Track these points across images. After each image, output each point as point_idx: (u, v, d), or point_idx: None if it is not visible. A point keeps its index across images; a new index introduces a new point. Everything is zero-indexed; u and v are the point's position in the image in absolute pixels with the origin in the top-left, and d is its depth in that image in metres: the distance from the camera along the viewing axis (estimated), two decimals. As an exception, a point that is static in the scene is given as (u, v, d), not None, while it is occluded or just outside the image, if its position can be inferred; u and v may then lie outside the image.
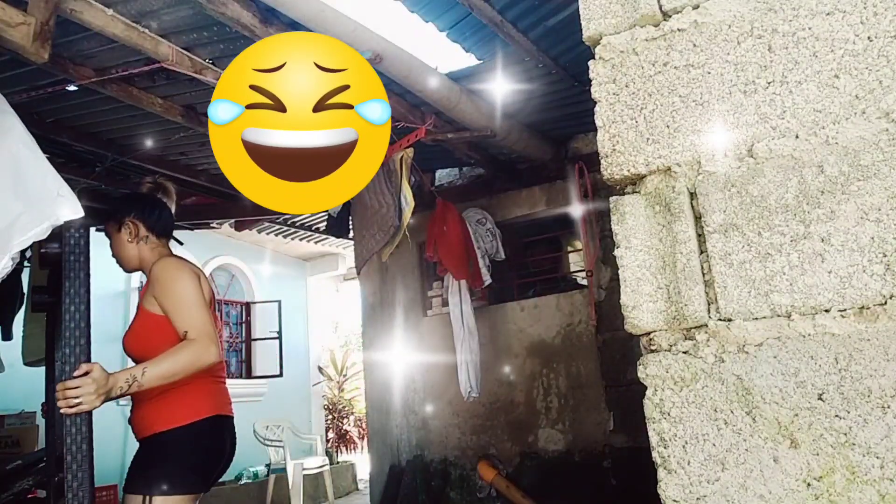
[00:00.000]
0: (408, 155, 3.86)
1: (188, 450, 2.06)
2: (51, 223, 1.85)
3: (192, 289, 2.10)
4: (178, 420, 2.06)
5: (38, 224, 1.82)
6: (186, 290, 2.09)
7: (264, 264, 9.04)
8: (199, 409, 2.10)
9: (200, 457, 2.09)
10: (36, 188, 1.86)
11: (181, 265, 2.16)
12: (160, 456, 2.04)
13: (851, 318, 1.10)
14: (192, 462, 2.06)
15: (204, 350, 1.98)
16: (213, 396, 2.18)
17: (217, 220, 5.87)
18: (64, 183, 1.93)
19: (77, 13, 2.44)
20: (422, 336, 5.43)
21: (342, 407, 10.45)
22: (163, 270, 2.14)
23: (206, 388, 2.15)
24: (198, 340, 1.99)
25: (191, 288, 2.10)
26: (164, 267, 2.15)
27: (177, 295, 2.08)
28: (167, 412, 2.07)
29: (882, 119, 1.13)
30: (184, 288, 2.09)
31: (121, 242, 2.26)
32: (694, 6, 1.30)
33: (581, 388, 4.72)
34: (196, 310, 2.06)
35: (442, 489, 5.11)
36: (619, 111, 1.34)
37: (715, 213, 1.22)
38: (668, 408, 1.20)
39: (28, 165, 1.88)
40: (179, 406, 2.07)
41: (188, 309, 2.06)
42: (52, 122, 3.68)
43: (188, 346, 1.98)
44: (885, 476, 1.04)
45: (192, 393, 2.10)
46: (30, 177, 1.87)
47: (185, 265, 2.18)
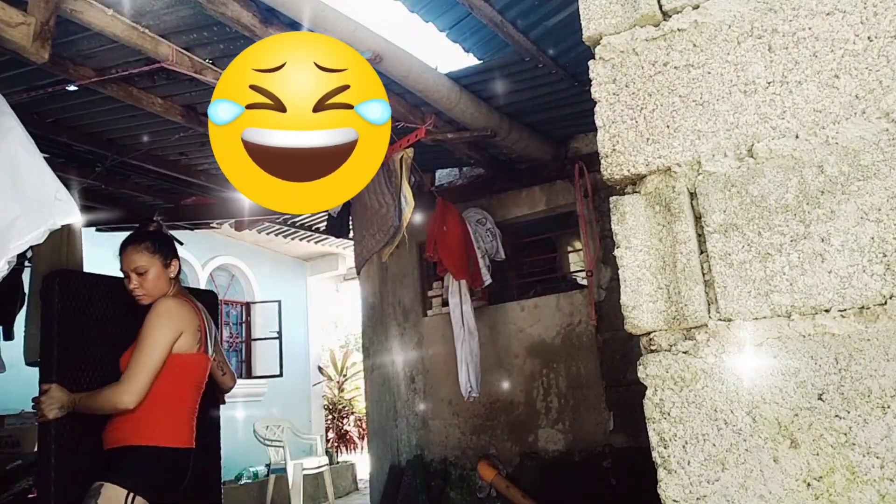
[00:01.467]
0: (408, 155, 3.86)
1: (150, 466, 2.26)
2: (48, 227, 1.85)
3: (164, 342, 2.28)
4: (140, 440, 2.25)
5: (35, 228, 1.82)
6: (160, 339, 2.28)
7: (264, 264, 9.05)
8: (150, 436, 2.29)
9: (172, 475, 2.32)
10: (34, 191, 1.86)
11: (179, 313, 2.35)
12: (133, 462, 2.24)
13: (851, 318, 1.10)
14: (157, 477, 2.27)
15: (121, 395, 2.20)
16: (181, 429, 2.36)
17: (217, 220, 5.87)
18: (62, 186, 1.92)
19: (77, 13, 2.44)
20: (422, 336, 5.43)
21: (342, 407, 10.45)
22: (155, 308, 2.33)
23: (161, 418, 2.32)
24: (122, 385, 2.21)
25: (164, 341, 2.28)
26: (158, 305, 2.34)
27: (150, 338, 2.27)
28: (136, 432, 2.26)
29: (882, 119, 1.13)
30: (159, 336, 2.28)
31: (163, 277, 2.44)
32: (694, 6, 1.30)
33: (581, 388, 4.72)
34: (148, 361, 2.24)
35: (442, 489, 5.11)
36: (619, 111, 1.34)
37: (715, 213, 1.22)
38: (668, 408, 1.20)
39: (26, 168, 1.87)
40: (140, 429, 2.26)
41: (144, 355, 2.24)
42: (52, 122, 3.68)
43: (113, 387, 2.23)
44: (885, 476, 1.04)
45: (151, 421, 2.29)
46: (27, 180, 1.87)
47: (184, 312, 2.36)
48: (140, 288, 2.40)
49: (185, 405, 2.40)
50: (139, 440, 2.25)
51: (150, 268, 2.40)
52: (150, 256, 2.41)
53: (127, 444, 2.24)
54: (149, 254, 2.41)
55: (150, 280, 2.40)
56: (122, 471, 2.19)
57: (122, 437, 2.26)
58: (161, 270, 2.43)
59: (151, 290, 2.41)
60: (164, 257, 2.46)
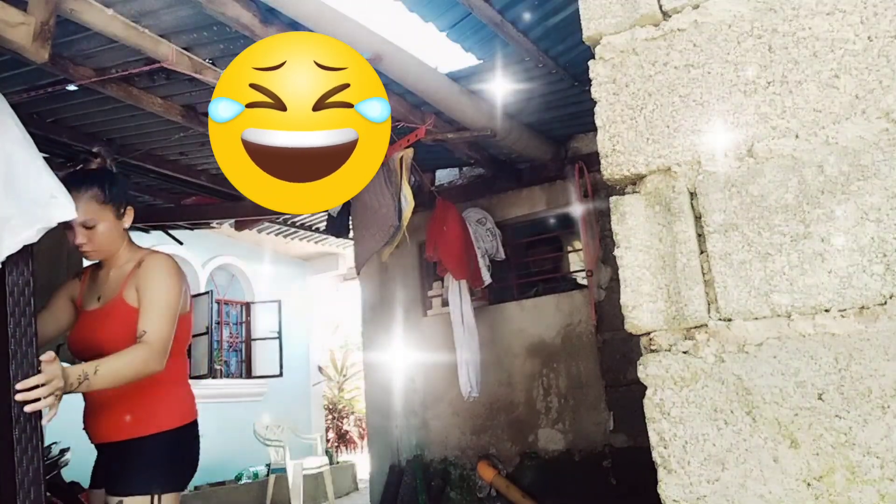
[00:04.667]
0: (408, 155, 3.86)
1: (184, 450, 2.10)
2: (43, 225, 1.83)
3: (175, 297, 2.04)
4: (173, 423, 2.07)
5: (29, 227, 1.81)
6: (171, 294, 2.02)
7: (264, 264, 9.04)
8: (186, 413, 2.13)
9: (192, 455, 2.14)
10: (28, 190, 1.85)
11: (176, 267, 2.12)
12: (158, 455, 2.02)
13: (851, 318, 1.10)
14: (187, 461, 2.11)
15: (154, 358, 1.92)
16: (192, 400, 2.21)
17: (217, 220, 5.87)
18: (59, 184, 1.91)
19: (77, 13, 2.44)
20: (422, 336, 5.43)
21: (342, 407, 10.46)
22: (158, 265, 2.06)
23: (186, 391, 2.18)
24: (152, 346, 1.92)
25: (174, 295, 2.03)
26: (160, 262, 2.08)
27: (160, 294, 2.00)
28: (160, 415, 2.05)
29: (882, 119, 1.13)
30: (169, 291, 2.02)
31: (116, 229, 2.09)
32: (694, 6, 1.30)
33: (581, 388, 4.72)
34: (167, 318, 1.99)
35: (442, 489, 5.11)
36: (619, 111, 1.34)
37: (715, 213, 1.22)
38: (668, 408, 1.20)
39: (21, 167, 1.86)
40: (170, 409, 2.08)
41: (161, 312, 1.98)
42: (52, 122, 3.68)
43: (141, 350, 1.91)
44: (885, 476, 1.04)
45: (180, 397, 2.13)
46: (22, 178, 1.85)
47: (179, 268, 2.13)
48: (89, 244, 2.04)
49: (187, 371, 2.23)
50: (159, 425, 2.01)
51: (101, 221, 2.04)
52: (100, 207, 2.03)
53: (144, 435, 2.00)
54: (97, 203, 2.02)
55: (100, 234, 2.04)
56: (142, 471, 1.97)
57: (133, 425, 1.99)
58: (114, 223, 2.07)
59: (102, 246, 2.07)
60: (117, 207, 2.07)
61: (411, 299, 5.54)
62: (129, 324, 2.02)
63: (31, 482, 1.83)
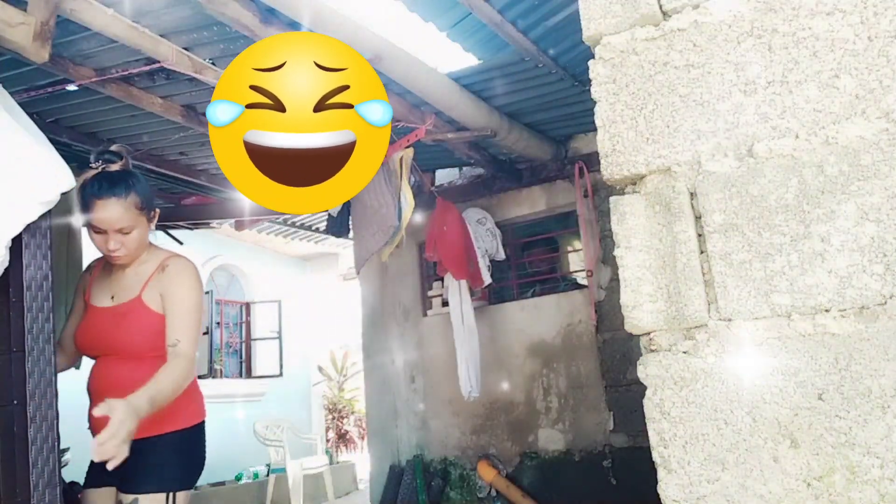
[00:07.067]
0: (408, 155, 3.86)
1: (196, 448, 2.13)
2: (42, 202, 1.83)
3: (201, 304, 2.08)
4: (186, 421, 2.10)
5: (29, 208, 1.81)
6: (198, 302, 2.06)
7: (264, 264, 9.05)
8: (198, 412, 2.17)
9: (202, 454, 2.17)
10: (27, 173, 1.84)
11: (198, 272, 2.15)
12: (173, 453, 2.05)
13: (851, 318, 1.10)
14: (198, 459, 2.15)
15: (193, 368, 1.98)
16: (202, 399, 2.23)
17: (217, 220, 5.87)
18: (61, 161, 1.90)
19: (77, 13, 2.44)
20: (422, 336, 5.43)
21: (342, 407, 10.45)
22: (186, 272, 2.09)
23: (197, 390, 2.20)
24: (189, 357, 1.97)
25: (200, 303, 2.07)
26: (187, 269, 2.10)
27: (190, 303, 2.03)
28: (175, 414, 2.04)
29: (882, 119, 1.13)
30: (197, 299, 2.06)
31: (146, 233, 2.11)
32: (694, 6, 1.30)
33: (581, 388, 4.72)
34: (197, 327, 2.02)
35: (442, 489, 5.11)
36: (619, 111, 1.34)
37: (715, 213, 1.22)
38: (668, 408, 1.20)
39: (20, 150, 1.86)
40: (184, 409, 2.09)
41: (192, 322, 2.01)
42: (52, 122, 3.68)
43: (182, 364, 1.93)
44: (885, 476, 1.04)
45: (193, 396, 2.14)
46: (22, 161, 1.85)
47: (199, 273, 2.17)
48: (123, 248, 2.04)
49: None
50: (174, 424, 2.03)
51: (137, 226, 2.05)
52: (138, 213, 2.05)
53: (161, 433, 2.00)
54: (137, 210, 2.04)
55: (134, 240, 2.05)
56: (158, 469, 1.98)
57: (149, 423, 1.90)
58: (146, 227, 2.10)
59: (135, 251, 2.08)
60: (149, 211, 2.10)
61: (411, 299, 5.54)
62: (146, 326, 2.04)
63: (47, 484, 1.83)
